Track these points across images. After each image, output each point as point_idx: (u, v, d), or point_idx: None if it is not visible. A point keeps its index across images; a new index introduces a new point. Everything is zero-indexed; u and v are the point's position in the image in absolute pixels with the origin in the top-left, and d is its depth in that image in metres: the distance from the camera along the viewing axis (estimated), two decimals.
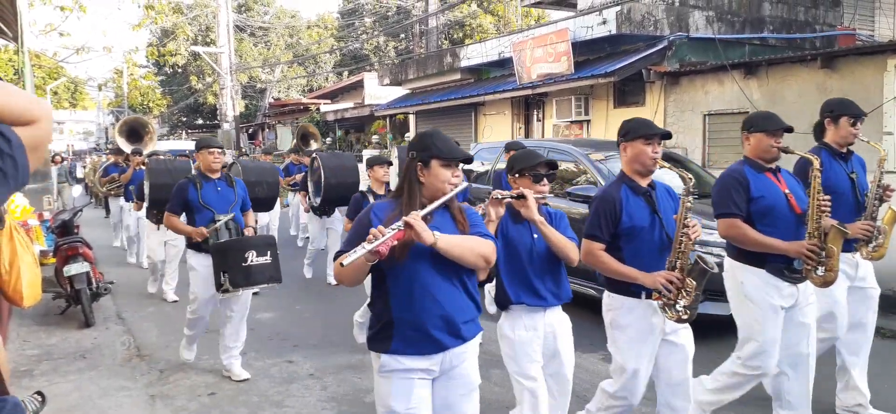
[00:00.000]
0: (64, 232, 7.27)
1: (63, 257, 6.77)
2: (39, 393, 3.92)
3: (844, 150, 4.11)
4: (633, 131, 3.26)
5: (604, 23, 11.05)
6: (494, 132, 14.40)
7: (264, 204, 6.97)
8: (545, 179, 3.24)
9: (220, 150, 5.28)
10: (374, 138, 19.87)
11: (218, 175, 5.25)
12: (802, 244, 3.49)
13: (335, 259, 2.41)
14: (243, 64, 30.33)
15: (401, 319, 2.49)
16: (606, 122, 11.79)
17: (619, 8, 11.03)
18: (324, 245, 8.81)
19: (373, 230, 2.29)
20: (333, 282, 8.34)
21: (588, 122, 12.20)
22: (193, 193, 5.11)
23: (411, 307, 2.48)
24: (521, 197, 3.07)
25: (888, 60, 8.16)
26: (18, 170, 1.34)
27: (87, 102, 53.93)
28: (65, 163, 19.67)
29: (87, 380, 5.22)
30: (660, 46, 10.97)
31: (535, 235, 3.20)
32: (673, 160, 7.56)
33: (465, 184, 2.59)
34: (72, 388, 5.05)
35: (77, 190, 14.13)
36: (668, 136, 3.31)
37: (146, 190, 7.37)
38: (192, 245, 5.15)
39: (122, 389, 5.01)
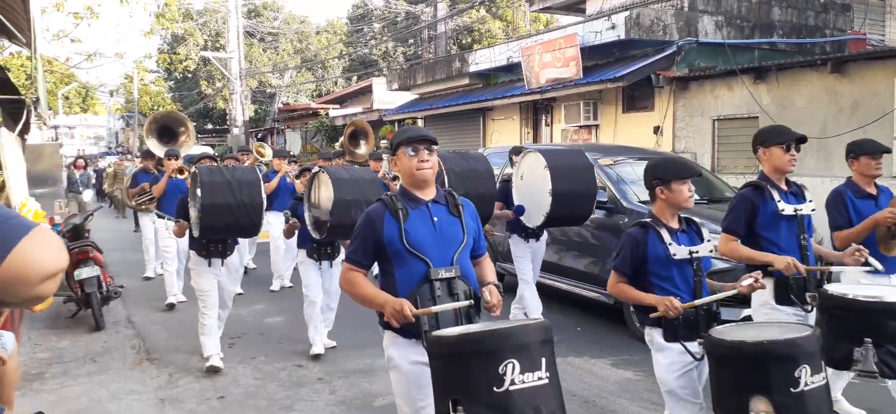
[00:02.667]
0: (75, 236, 7.32)
1: (73, 261, 6.81)
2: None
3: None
4: None
5: (613, 28, 11.04)
6: (502, 137, 14.40)
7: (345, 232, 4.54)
8: None
9: (432, 146, 2.88)
10: (383, 143, 19.93)
11: (433, 195, 2.93)
12: None
13: None
14: (253, 69, 30.50)
15: None
16: (615, 127, 11.77)
17: (628, 13, 11.03)
18: None
19: None
20: None
21: (597, 127, 12.18)
22: (392, 228, 2.81)
23: None
24: None
25: None
26: None
27: (98, 107, 54.38)
28: (87, 170, 19.72)
29: (96, 383, 5.24)
30: (669, 51, 10.95)
31: None
32: None
33: None
34: (81, 391, 5.08)
35: (88, 194, 14.20)
36: None
37: (192, 213, 5.31)
38: (389, 324, 2.79)
39: (132, 393, 5.03)
